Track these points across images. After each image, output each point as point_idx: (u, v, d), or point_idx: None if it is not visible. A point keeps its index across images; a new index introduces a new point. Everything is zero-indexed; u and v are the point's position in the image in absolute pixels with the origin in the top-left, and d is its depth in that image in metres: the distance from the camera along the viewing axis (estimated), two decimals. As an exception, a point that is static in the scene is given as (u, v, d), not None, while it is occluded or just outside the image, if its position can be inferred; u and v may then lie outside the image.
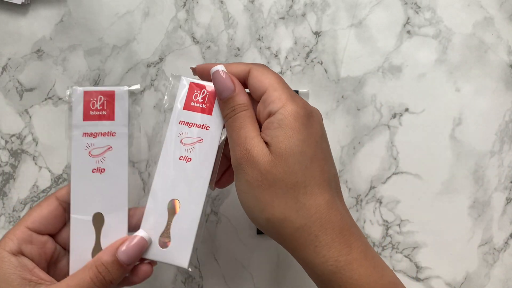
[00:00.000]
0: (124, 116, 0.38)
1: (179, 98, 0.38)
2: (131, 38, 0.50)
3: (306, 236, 0.33)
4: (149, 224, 0.37)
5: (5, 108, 0.50)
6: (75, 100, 0.37)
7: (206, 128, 0.38)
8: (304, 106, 0.35)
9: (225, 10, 0.50)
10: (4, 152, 0.50)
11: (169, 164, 0.37)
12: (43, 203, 0.37)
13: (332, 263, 0.33)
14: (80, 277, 0.35)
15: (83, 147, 0.37)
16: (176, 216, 0.37)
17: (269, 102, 0.35)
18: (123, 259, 0.35)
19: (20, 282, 0.34)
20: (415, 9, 0.50)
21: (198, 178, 0.37)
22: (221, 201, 0.50)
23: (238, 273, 0.50)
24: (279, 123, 0.34)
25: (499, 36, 0.50)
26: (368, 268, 0.33)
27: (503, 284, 0.50)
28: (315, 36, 0.50)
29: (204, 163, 0.37)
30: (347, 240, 0.34)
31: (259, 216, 0.34)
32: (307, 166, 0.34)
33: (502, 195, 0.50)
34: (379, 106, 0.50)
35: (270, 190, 0.34)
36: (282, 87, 0.35)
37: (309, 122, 0.34)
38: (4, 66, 0.50)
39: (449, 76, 0.50)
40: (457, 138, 0.50)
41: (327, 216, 0.34)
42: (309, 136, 0.34)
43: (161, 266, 0.50)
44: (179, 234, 0.37)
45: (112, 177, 0.38)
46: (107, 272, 0.35)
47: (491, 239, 0.50)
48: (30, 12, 0.50)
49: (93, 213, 0.37)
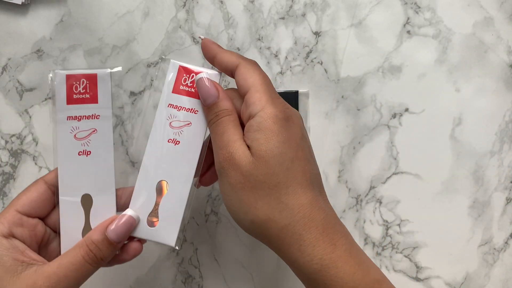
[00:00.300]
0: (107, 99, 0.38)
1: (168, 81, 0.39)
2: (131, 38, 0.50)
3: (290, 236, 0.34)
4: (137, 204, 0.38)
5: (5, 108, 0.50)
6: (58, 84, 0.37)
7: (194, 112, 0.38)
8: (283, 109, 0.35)
9: (225, 10, 0.50)
10: (4, 152, 0.50)
11: (158, 146, 0.38)
12: (32, 187, 0.38)
13: (317, 262, 0.33)
14: (72, 255, 0.35)
15: (68, 130, 0.38)
16: (164, 197, 0.38)
17: (249, 104, 0.35)
18: (112, 237, 0.36)
19: (12, 263, 0.35)
20: (415, 9, 0.50)
21: (186, 161, 0.38)
22: (221, 201, 0.50)
23: (238, 273, 0.50)
24: (259, 126, 0.34)
25: (499, 36, 0.50)
26: (353, 266, 0.34)
27: (503, 284, 0.50)
28: (315, 36, 0.50)
29: (192, 146, 0.38)
30: (332, 239, 0.34)
31: (244, 218, 0.35)
32: (288, 167, 0.34)
33: (502, 195, 0.50)
34: (379, 106, 0.50)
35: (252, 192, 0.34)
36: (265, 88, 0.35)
37: (288, 124, 0.35)
38: (4, 66, 0.50)
39: (449, 76, 0.50)
40: (457, 138, 0.50)
41: (310, 215, 0.34)
42: (289, 138, 0.35)
43: (161, 266, 0.50)
44: (167, 214, 0.38)
45: (98, 159, 0.38)
46: (97, 250, 0.36)
47: (491, 239, 0.50)
48: (30, 12, 0.50)
49: (81, 195, 0.38)
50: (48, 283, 0.34)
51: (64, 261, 0.35)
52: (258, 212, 0.34)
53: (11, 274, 0.34)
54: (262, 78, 0.36)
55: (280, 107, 0.35)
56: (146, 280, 0.51)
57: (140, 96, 0.50)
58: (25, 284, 0.34)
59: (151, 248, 0.50)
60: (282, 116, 0.35)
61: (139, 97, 0.50)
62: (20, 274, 0.35)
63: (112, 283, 0.50)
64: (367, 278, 0.34)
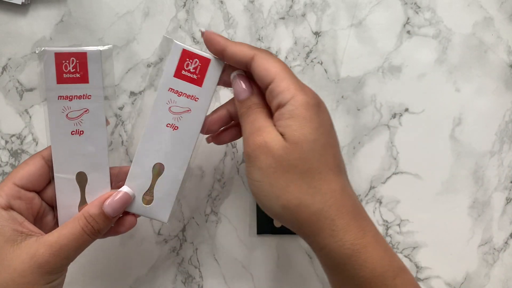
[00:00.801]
0: (98, 79, 0.38)
1: (171, 64, 0.38)
2: (131, 38, 0.50)
3: (322, 220, 0.34)
4: (133, 182, 0.39)
5: (5, 108, 0.50)
6: (46, 62, 0.37)
7: (195, 99, 0.38)
8: (313, 95, 0.36)
9: (225, 10, 0.50)
10: (4, 152, 0.50)
11: (156, 129, 0.39)
12: (29, 161, 0.38)
13: (349, 247, 0.34)
14: (71, 226, 0.37)
15: (59, 110, 0.37)
16: (160, 178, 0.39)
17: (277, 93, 0.35)
18: (108, 211, 0.37)
19: (12, 233, 0.36)
20: (415, 9, 0.50)
21: (183, 146, 0.39)
22: (221, 201, 0.50)
23: (238, 273, 0.50)
24: (291, 113, 0.34)
25: (499, 36, 0.50)
26: (381, 252, 0.34)
27: (503, 284, 0.50)
28: (315, 36, 0.50)
29: (190, 132, 0.39)
30: (361, 224, 0.35)
31: (275, 203, 0.35)
32: (320, 153, 0.34)
33: (502, 195, 0.50)
34: (379, 106, 0.50)
35: (285, 176, 0.34)
36: (289, 75, 0.36)
37: (320, 111, 0.35)
38: (4, 66, 0.50)
39: (449, 76, 0.50)
40: (457, 138, 0.50)
41: (342, 201, 0.34)
42: (321, 125, 0.35)
43: (161, 266, 0.50)
44: (162, 194, 0.39)
45: (91, 138, 0.38)
46: (95, 223, 0.37)
47: (491, 239, 0.50)
48: (30, 12, 0.50)
49: (76, 172, 0.39)
50: (50, 251, 0.35)
51: (64, 231, 0.36)
52: (290, 196, 0.34)
53: (10, 243, 0.36)
54: (283, 66, 0.36)
55: (310, 94, 0.35)
56: (146, 280, 0.51)
57: (140, 96, 0.50)
58: (25, 252, 0.35)
59: (151, 248, 0.50)
60: (313, 102, 0.35)
61: (139, 97, 0.50)
62: (20, 244, 0.36)
63: (112, 283, 0.50)
64: (393, 265, 0.35)
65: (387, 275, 0.34)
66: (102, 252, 0.50)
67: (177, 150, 0.39)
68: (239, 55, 0.37)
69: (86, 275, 0.50)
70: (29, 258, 0.35)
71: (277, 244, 0.50)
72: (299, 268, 0.50)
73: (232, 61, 0.38)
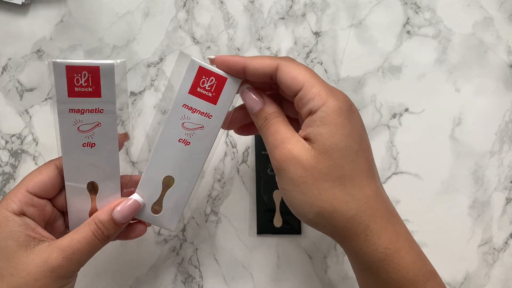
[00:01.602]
0: (111, 93, 0.37)
1: (186, 80, 0.38)
2: (131, 38, 0.50)
3: (357, 226, 0.34)
4: (144, 192, 0.40)
5: (5, 108, 0.50)
6: (57, 74, 0.36)
7: (208, 116, 0.38)
8: (344, 100, 0.35)
9: (225, 10, 0.50)
10: (4, 152, 0.50)
11: (168, 143, 0.39)
12: (43, 169, 0.39)
13: (382, 251, 0.34)
14: (83, 230, 0.37)
15: (71, 122, 0.37)
16: (169, 190, 0.40)
17: (308, 99, 0.35)
18: (118, 218, 0.38)
19: (25, 239, 0.37)
20: (415, 9, 0.50)
21: (193, 161, 0.39)
22: (221, 201, 0.50)
23: (238, 273, 0.50)
24: (322, 120, 0.34)
25: (499, 36, 0.50)
26: (413, 255, 0.35)
27: (503, 284, 0.50)
28: (315, 36, 0.50)
29: (201, 148, 0.39)
30: (395, 228, 0.35)
31: (309, 211, 0.35)
32: (353, 159, 0.35)
33: (501, 195, 0.50)
34: (379, 106, 0.50)
35: (316, 184, 0.34)
36: (318, 81, 0.35)
37: (352, 115, 0.35)
38: (4, 66, 0.50)
39: (449, 76, 0.50)
40: (457, 138, 0.50)
41: (376, 205, 0.35)
42: (353, 130, 0.35)
43: (161, 266, 0.50)
44: (170, 205, 0.40)
45: (103, 151, 0.38)
46: (104, 229, 0.38)
47: (491, 239, 0.50)
48: (30, 12, 0.50)
49: (87, 182, 0.39)
50: (63, 255, 0.36)
51: (76, 236, 0.37)
52: (323, 203, 0.34)
53: (24, 248, 0.36)
54: (311, 72, 0.36)
55: (341, 98, 0.35)
56: (146, 280, 0.51)
57: (140, 96, 0.50)
58: (39, 257, 0.36)
59: (151, 248, 0.50)
60: (345, 107, 0.35)
61: (139, 97, 0.50)
62: (34, 249, 0.36)
63: (112, 283, 0.50)
64: (424, 269, 0.35)
65: (418, 279, 0.34)
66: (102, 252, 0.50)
67: (187, 165, 0.39)
68: (263, 67, 0.36)
69: (87, 275, 0.50)
70: (42, 262, 0.36)
71: (277, 244, 0.50)
72: (299, 268, 0.50)
73: (255, 76, 0.37)
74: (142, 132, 0.50)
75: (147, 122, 0.50)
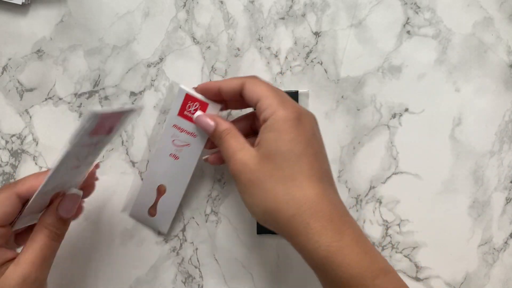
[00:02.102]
0: None
1: (176, 105, 0.45)
2: (131, 38, 0.50)
3: (298, 224, 0.37)
4: (141, 199, 0.48)
5: (5, 108, 0.50)
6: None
7: (193, 135, 0.46)
8: (293, 109, 0.39)
9: (225, 11, 0.50)
10: (4, 152, 0.50)
11: (161, 157, 0.47)
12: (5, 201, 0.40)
13: (324, 249, 0.36)
14: (38, 239, 0.39)
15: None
16: (162, 197, 0.48)
17: (262, 110, 0.40)
18: (63, 214, 0.40)
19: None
20: (415, 9, 0.50)
21: (182, 173, 0.47)
22: (221, 201, 0.50)
23: (238, 273, 0.50)
24: (270, 127, 0.39)
25: (498, 36, 0.50)
26: (359, 254, 0.36)
27: (503, 284, 0.50)
28: (315, 36, 0.50)
29: (188, 163, 0.46)
30: (339, 228, 0.36)
31: (258, 211, 0.39)
32: (294, 162, 0.38)
33: (501, 195, 0.50)
34: (379, 106, 0.50)
35: (261, 186, 0.38)
36: (273, 94, 0.40)
37: (299, 123, 0.39)
38: (4, 66, 0.50)
39: (449, 76, 0.50)
40: (457, 138, 0.50)
41: (318, 206, 0.37)
42: (298, 135, 0.38)
43: (161, 266, 0.50)
44: (164, 209, 0.48)
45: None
46: (56, 229, 0.40)
47: (490, 239, 0.50)
48: (30, 12, 0.50)
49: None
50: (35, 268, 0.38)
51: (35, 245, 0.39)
52: (268, 203, 0.38)
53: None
54: (268, 86, 0.41)
55: (291, 108, 0.39)
56: (146, 280, 0.51)
57: (140, 96, 0.50)
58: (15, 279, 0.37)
59: (151, 248, 0.50)
60: (292, 115, 0.38)
61: (139, 97, 0.50)
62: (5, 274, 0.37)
63: (112, 283, 0.50)
64: (373, 266, 0.36)
65: (366, 276, 0.35)
66: (102, 252, 0.50)
67: (177, 176, 0.47)
68: (232, 86, 0.42)
69: (87, 275, 0.50)
70: (22, 281, 0.37)
71: (277, 244, 0.50)
72: (299, 268, 0.50)
73: (228, 95, 0.42)
74: (142, 132, 0.50)
75: (147, 122, 0.50)
